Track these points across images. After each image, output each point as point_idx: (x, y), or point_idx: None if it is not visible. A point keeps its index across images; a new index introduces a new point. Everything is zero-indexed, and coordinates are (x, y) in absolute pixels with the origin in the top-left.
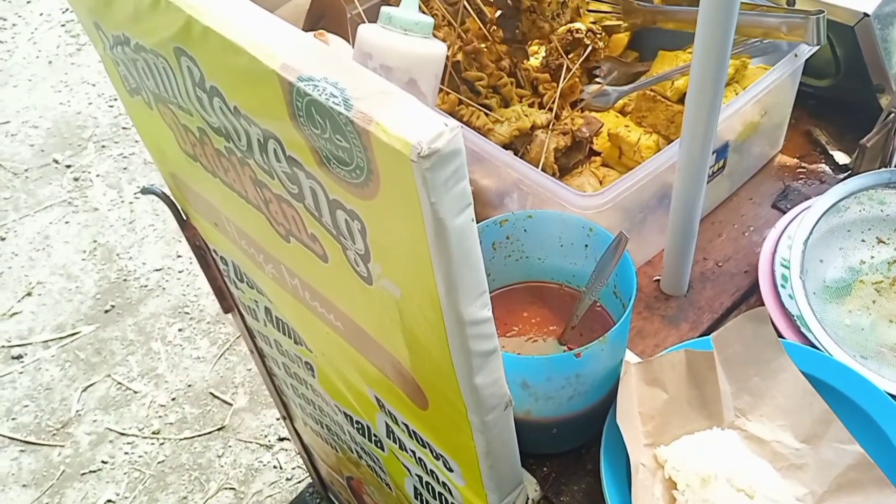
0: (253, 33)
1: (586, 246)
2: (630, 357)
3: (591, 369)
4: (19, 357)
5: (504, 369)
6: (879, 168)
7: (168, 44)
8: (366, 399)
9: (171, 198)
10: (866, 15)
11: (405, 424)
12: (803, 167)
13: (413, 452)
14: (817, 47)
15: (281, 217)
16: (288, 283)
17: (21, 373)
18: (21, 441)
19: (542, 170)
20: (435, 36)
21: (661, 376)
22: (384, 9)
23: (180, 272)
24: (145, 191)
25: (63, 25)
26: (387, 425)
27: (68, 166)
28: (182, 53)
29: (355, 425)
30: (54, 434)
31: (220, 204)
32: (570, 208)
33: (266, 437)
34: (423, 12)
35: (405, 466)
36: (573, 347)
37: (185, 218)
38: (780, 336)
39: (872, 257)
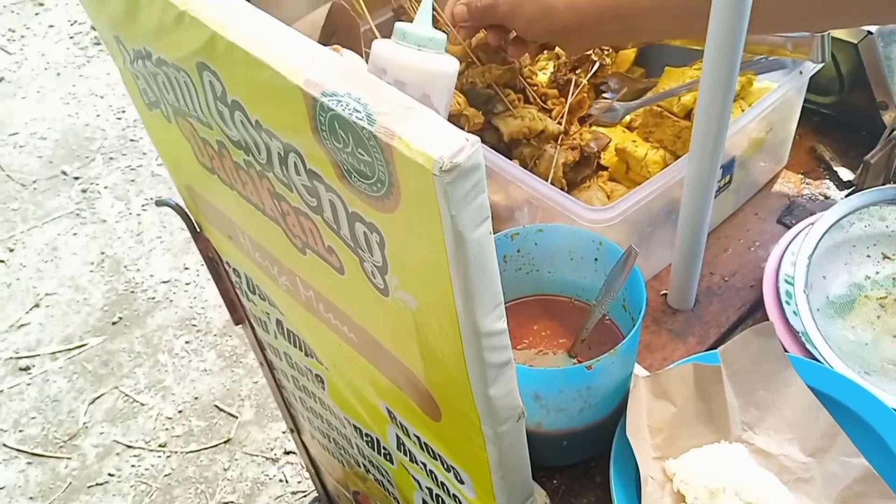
0: (277, 49)
1: (596, 259)
2: (638, 370)
3: (602, 381)
4: (27, 369)
5: (517, 381)
6: (883, 184)
7: (191, 58)
8: (377, 411)
9: (185, 209)
10: (870, 33)
11: (417, 436)
12: (808, 183)
13: (424, 465)
14: (822, 65)
15: (298, 229)
16: (302, 295)
17: (29, 384)
18: (28, 453)
19: (551, 184)
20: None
21: (670, 389)
22: (398, 25)
23: (188, 284)
24: (159, 203)
25: (71, 38)
26: (398, 437)
27: (76, 178)
28: (205, 68)
29: (365, 438)
30: (61, 446)
31: (236, 216)
32: (580, 222)
33: (272, 450)
34: (436, 27)
35: (415, 479)
36: (583, 360)
37: (198, 230)
38: (786, 351)
39: (877, 272)
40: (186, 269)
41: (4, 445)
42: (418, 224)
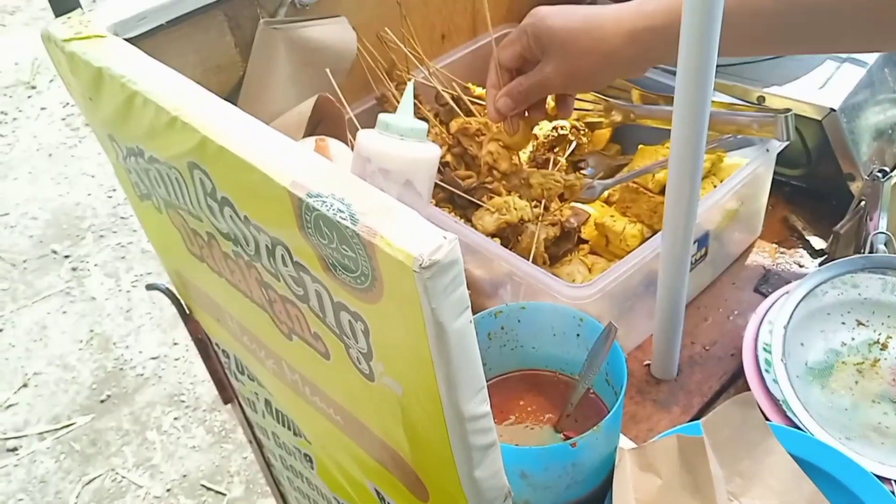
0: (264, 152)
1: (578, 335)
2: (624, 442)
3: (587, 457)
4: (14, 450)
5: (503, 461)
6: (854, 253)
7: (182, 158)
8: (366, 491)
9: (175, 293)
10: (833, 110)
11: None
12: (782, 252)
13: None
14: (787, 143)
15: (284, 316)
16: (288, 378)
17: (16, 465)
18: None
19: (533, 259)
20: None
21: (655, 462)
22: (381, 116)
23: (176, 360)
24: (150, 287)
25: (63, 119)
26: None
27: (66, 256)
28: (195, 167)
29: None
30: None
31: (224, 301)
32: (561, 299)
33: None
34: (417, 116)
35: None
36: (569, 434)
37: (188, 312)
38: (767, 419)
39: (853, 339)
40: (175, 344)
41: None
42: (401, 315)
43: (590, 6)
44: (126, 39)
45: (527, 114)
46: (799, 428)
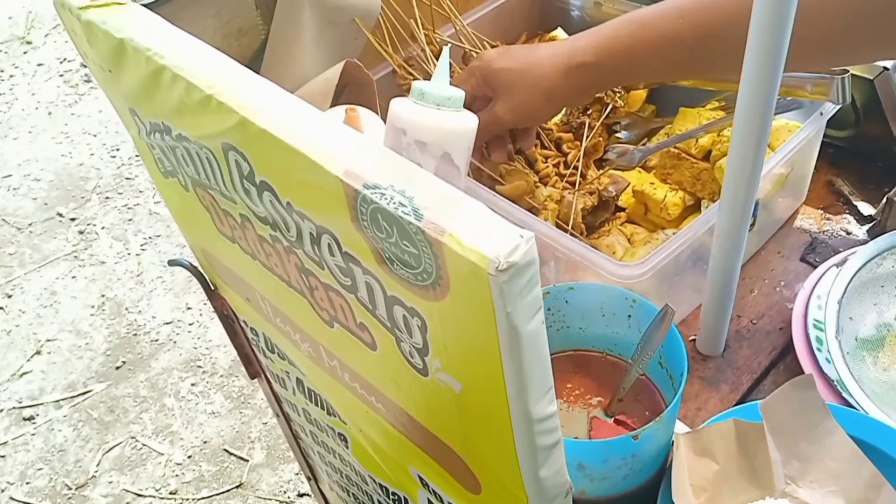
0: (313, 136)
1: (629, 316)
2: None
3: (647, 448)
4: (31, 418)
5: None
6: None
7: (215, 138)
8: (407, 475)
9: (200, 269)
10: (886, 69)
11: None
12: (828, 218)
13: None
14: (840, 106)
15: (326, 304)
16: (325, 363)
17: (34, 434)
18: None
19: (571, 229)
20: None
21: (711, 447)
22: (416, 84)
23: (191, 325)
24: (172, 263)
25: (61, 76)
26: (430, 501)
27: (73, 219)
28: (231, 149)
29: (391, 497)
30: (70, 497)
31: (256, 283)
32: (610, 277)
33: (285, 493)
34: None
35: None
36: (620, 419)
37: (213, 288)
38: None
39: None
40: (189, 308)
41: (12, 499)
42: (468, 315)
43: (531, 46)
44: (142, 5)
45: (490, 156)
46: (852, 406)
